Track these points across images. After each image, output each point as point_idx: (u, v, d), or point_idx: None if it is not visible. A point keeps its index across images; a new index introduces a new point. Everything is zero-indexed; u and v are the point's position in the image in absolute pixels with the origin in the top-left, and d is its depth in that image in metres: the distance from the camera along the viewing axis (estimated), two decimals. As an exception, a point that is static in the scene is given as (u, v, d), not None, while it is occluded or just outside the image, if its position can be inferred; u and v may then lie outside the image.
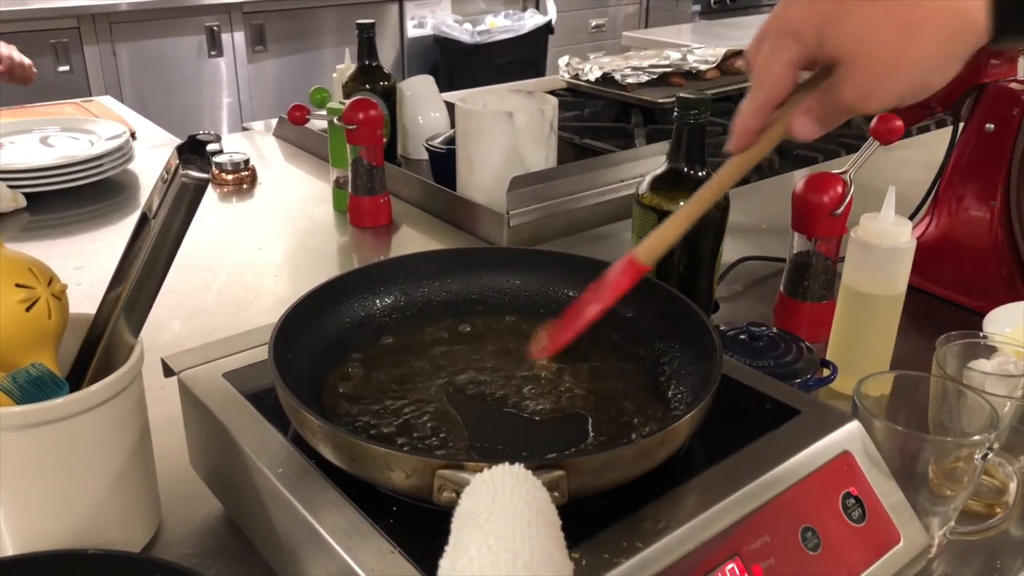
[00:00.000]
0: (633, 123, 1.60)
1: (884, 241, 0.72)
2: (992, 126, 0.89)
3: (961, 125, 0.93)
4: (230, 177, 1.33)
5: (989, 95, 0.89)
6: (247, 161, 1.35)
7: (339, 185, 1.22)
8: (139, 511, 0.60)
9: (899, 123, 0.81)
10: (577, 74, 1.74)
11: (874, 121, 0.82)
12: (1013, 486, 0.56)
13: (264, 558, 0.57)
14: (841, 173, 0.82)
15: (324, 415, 0.55)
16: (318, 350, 0.61)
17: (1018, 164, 0.89)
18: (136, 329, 0.57)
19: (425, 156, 1.34)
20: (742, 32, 2.78)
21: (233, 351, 0.64)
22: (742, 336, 0.72)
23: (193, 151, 0.50)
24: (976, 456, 0.55)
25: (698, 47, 1.93)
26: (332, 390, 0.59)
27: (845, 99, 0.47)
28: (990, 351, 0.67)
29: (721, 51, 1.79)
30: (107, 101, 1.79)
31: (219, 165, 1.32)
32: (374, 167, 1.14)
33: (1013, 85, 0.89)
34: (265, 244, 1.14)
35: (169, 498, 0.64)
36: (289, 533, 0.52)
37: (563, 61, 1.81)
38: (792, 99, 0.51)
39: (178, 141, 0.49)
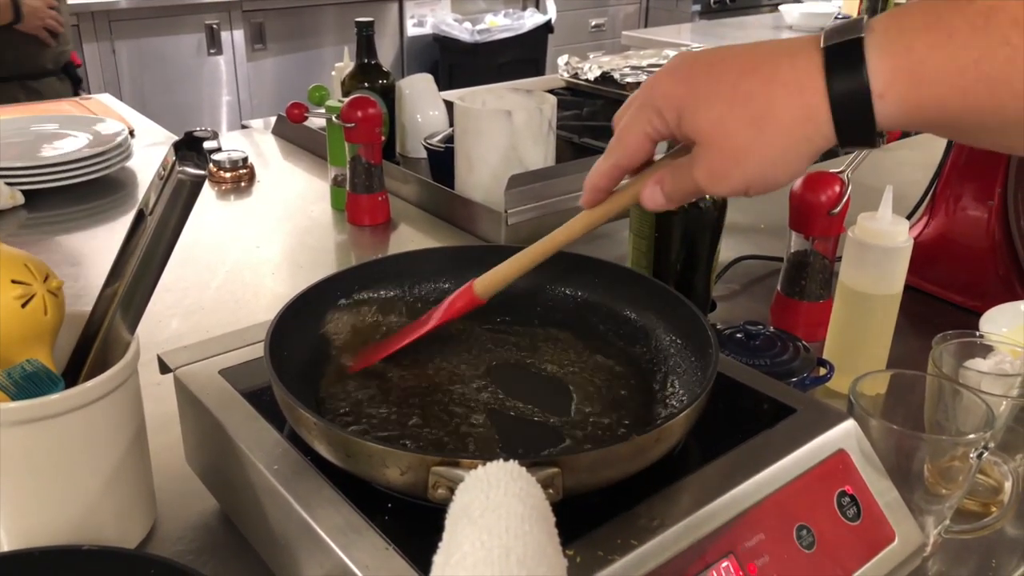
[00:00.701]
0: (632, 122, 1.60)
1: (881, 240, 0.72)
2: (990, 126, 0.89)
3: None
4: (228, 175, 1.33)
5: (987, 95, 0.89)
6: (245, 159, 1.35)
7: (337, 183, 1.22)
8: (135, 508, 0.60)
9: (897, 122, 0.81)
10: (576, 73, 1.74)
11: (872, 120, 0.82)
12: (1008, 485, 0.56)
13: (259, 555, 0.57)
14: (839, 173, 0.82)
15: (320, 412, 0.55)
16: (314, 348, 0.62)
17: (1016, 164, 0.89)
18: (132, 326, 0.57)
19: (424, 155, 1.34)
20: (742, 32, 2.78)
21: (229, 348, 0.64)
22: (738, 335, 0.72)
23: (190, 148, 0.50)
24: (971, 455, 0.55)
25: (697, 47, 1.93)
26: (328, 387, 0.59)
27: (696, 178, 0.49)
28: (986, 350, 0.67)
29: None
30: (106, 99, 1.79)
31: (217, 163, 1.32)
32: (372, 165, 1.14)
33: (1011, 85, 0.89)
34: (263, 242, 1.14)
35: (165, 495, 0.64)
36: (284, 530, 0.52)
37: (562, 60, 1.81)
38: (649, 168, 0.52)
39: (177, 139, 0.49)
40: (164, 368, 0.63)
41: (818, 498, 0.53)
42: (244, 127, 1.70)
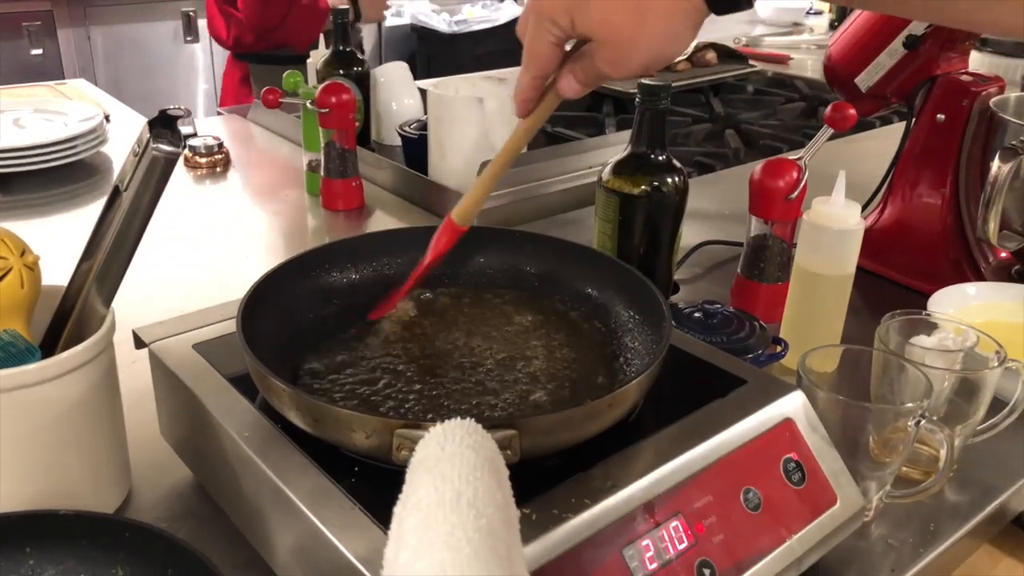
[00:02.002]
0: (604, 112, 1.63)
1: (834, 223, 0.75)
2: (943, 117, 0.93)
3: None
4: (204, 160, 1.34)
5: (940, 87, 0.92)
6: (221, 144, 1.36)
7: (312, 168, 1.23)
8: (109, 476, 0.62)
9: (852, 112, 0.84)
10: (550, 63, 1.76)
11: (828, 109, 0.85)
12: (943, 452, 0.60)
13: (232, 521, 0.59)
14: (797, 159, 0.85)
15: (290, 382, 0.57)
16: (285, 321, 0.63)
17: (967, 153, 0.93)
18: (108, 300, 0.59)
19: (398, 142, 1.36)
20: (713, 25, 2.80)
21: (203, 324, 0.66)
22: (697, 314, 0.75)
23: (164, 125, 0.52)
24: (910, 423, 0.58)
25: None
26: (298, 359, 0.61)
27: (599, 67, 0.54)
28: (931, 328, 0.70)
29: (692, 43, 1.81)
30: (81, 84, 1.79)
31: (193, 148, 1.33)
32: (346, 150, 1.16)
33: (963, 77, 0.92)
34: (238, 226, 1.15)
35: (139, 466, 0.66)
36: (257, 496, 0.54)
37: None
38: (563, 65, 0.57)
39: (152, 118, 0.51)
40: (139, 343, 0.65)
41: (765, 463, 0.55)
42: (219, 113, 1.70)
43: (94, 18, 2.95)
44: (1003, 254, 0.95)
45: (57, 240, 1.07)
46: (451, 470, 0.36)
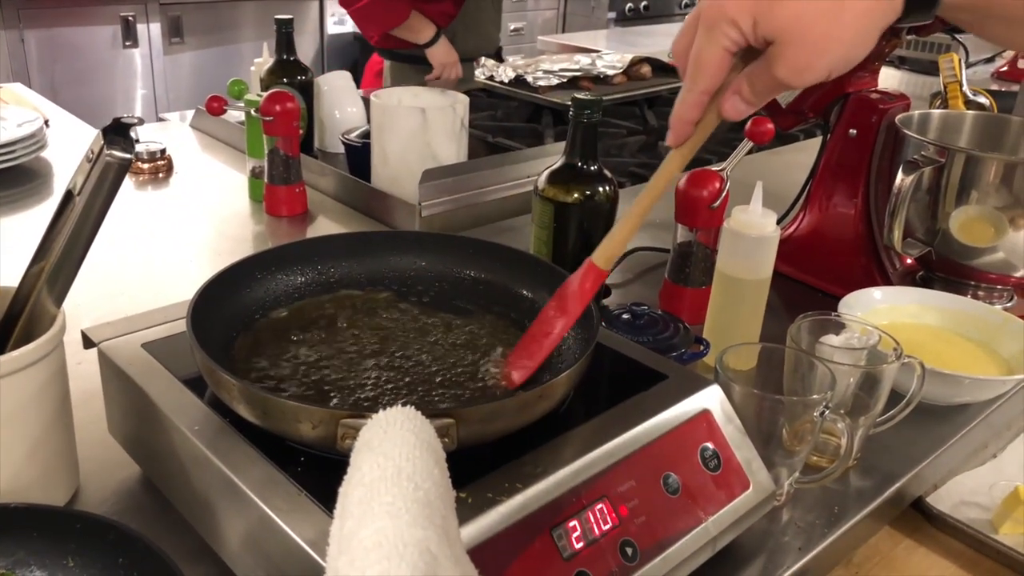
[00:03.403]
0: (543, 124, 1.68)
1: (752, 231, 0.81)
2: (855, 131, 0.99)
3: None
4: (146, 166, 1.35)
5: (852, 103, 0.99)
6: (163, 150, 1.37)
7: (255, 175, 1.25)
8: (59, 472, 0.64)
9: (770, 126, 0.90)
10: (492, 76, 1.81)
11: (748, 124, 0.91)
12: (844, 440, 0.65)
13: (181, 514, 0.61)
14: (719, 170, 0.90)
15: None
16: (233, 321, 0.66)
17: (876, 166, 1.00)
18: (58, 301, 0.61)
19: (342, 150, 1.39)
20: (651, 40, 2.90)
21: (152, 324, 0.68)
22: (625, 315, 0.80)
23: (117, 133, 0.55)
24: (815, 414, 0.64)
25: (608, 53, 2.03)
26: (245, 357, 0.64)
27: (779, 75, 0.50)
28: (839, 328, 0.76)
29: (628, 57, 1.88)
30: (18, 88, 1.77)
31: (135, 154, 1.34)
32: (290, 157, 1.19)
33: (872, 95, 0.99)
34: (182, 232, 1.17)
35: (88, 464, 0.68)
36: (206, 487, 0.57)
37: (479, 63, 1.88)
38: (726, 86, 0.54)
39: (93, 130, 0.53)
40: (88, 343, 0.67)
41: (684, 451, 0.60)
42: (161, 120, 1.71)
43: (28, 20, 2.90)
44: (908, 261, 1.02)
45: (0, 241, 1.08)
46: (392, 449, 0.39)
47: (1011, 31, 0.49)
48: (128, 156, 0.55)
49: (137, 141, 1.37)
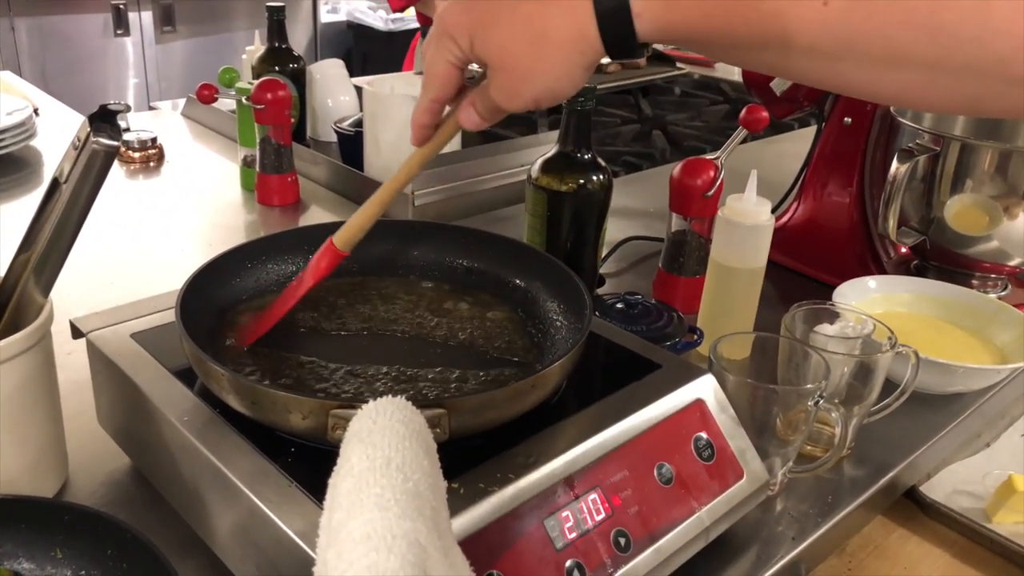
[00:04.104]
0: (537, 112, 1.67)
1: (746, 219, 0.80)
2: (850, 120, 0.99)
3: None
4: (137, 155, 1.34)
5: (847, 92, 0.99)
6: (155, 139, 1.36)
7: (247, 164, 1.24)
8: (47, 463, 0.63)
9: (764, 114, 0.89)
10: (485, 63, 1.79)
11: (743, 112, 0.90)
12: (838, 430, 0.65)
13: (171, 505, 0.61)
14: (714, 159, 0.90)
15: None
16: (222, 311, 0.66)
17: (871, 155, 0.99)
18: (46, 291, 0.60)
19: (334, 138, 1.38)
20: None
21: (141, 314, 0.67)
22: (619, 304, 0.79)
23: (104, 120, 0.54)
24: (809, 403, 0.64)
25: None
26: (235, 348, 0.63)
27: (493, 96, 0.53)
28: (833, 317, 0.76)
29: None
30: (8, 76, 1.75)
31: (126, 143, 1.33)
32: (282, 146, 1.18)
33: (867, 83, 0.98)
34: (173, 221, 1.16)
35: (77, 455, 0.67)
36: (196, 478, 0.56)
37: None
38: (463, 94, 0.56)
39: (83, 118, 0.52)
40: (76, 333, 0.66)
41: (677, 440, 0.60)
42: (152, 108, 1.69)
43: (18, 8, 2.88)
44: (903, 249, 1.02)
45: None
46: (382, 439, 0.39)
47: (743, 54, 0.49)
48: (115, 143, 0.54)
49: (127, 129, 1.35)
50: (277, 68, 1.36)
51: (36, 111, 1.47)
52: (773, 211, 0.82)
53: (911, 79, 0.42)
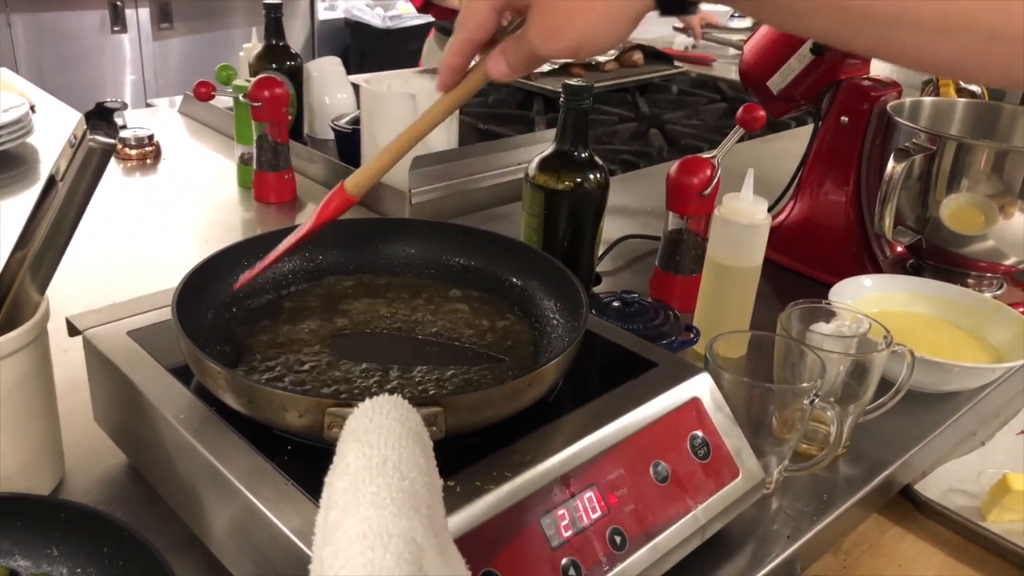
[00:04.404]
0: (534, 110, 1.67)
1: (743, 218, 0.80)
2: (846, 119, 0.99)
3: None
4: (134, 152, 1.34)
5: (844, 91, 0.99)
6: (151, 136, 1.35)
7: (244, 161, 1.24)
8: (43, 460, 0.63)
9: (761, 113, 0.89)
10: (483, 61, 1.79)
11: (740, 111, 0.90)
12: (833, 428, 0.65)
13: (167, 503, 0.61)
14: (710, 158, 0.90)
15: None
16: (219, 309, 0.65)
17: (867, 154, 0.99)
18: (42, 288, 0.60)
19: (331, 136, 1.38)
20: (642, 27, 2.87)
21: (137, 311, 0.67)
22: (615, 303, 0.79)
23: (100, 117, 0.54)
24: (805, 402, 0.64)
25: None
26: (231, 345, 0.63)
27: (530, 38, 0.51)
28: (829, 316, 0.76)
29: (621, 40, 1.87)
30: (5, 73, 1.75)
31: (123, 140, 1.33)
32: (279, 144, 1.18)
33: (864, 82, 0.99)
34: (170, 218, 1.16)
35: (73, 453, 0.67)
36: (192, 476, 0.56)
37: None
38: (496, 43, 0.55)
39: (80, 115, 0.52)
40: (73, 330, 0.66)
41: (673, 439, 0.60)
42: (149, 105, 1.69)
43: (15, 4, 2.87)
44: (899, 248, 1.02)
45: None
46: (378, 438, 0.39)
47: (795, 21, 0.47)
48: (112, 141, 0.54)
49: (123, 127, 1.36)
50: (274, 65, 1.36)
51: (33, 108, 1.47)
52: (769, 210, 0.82)
53: (967, 48, 0.41)
